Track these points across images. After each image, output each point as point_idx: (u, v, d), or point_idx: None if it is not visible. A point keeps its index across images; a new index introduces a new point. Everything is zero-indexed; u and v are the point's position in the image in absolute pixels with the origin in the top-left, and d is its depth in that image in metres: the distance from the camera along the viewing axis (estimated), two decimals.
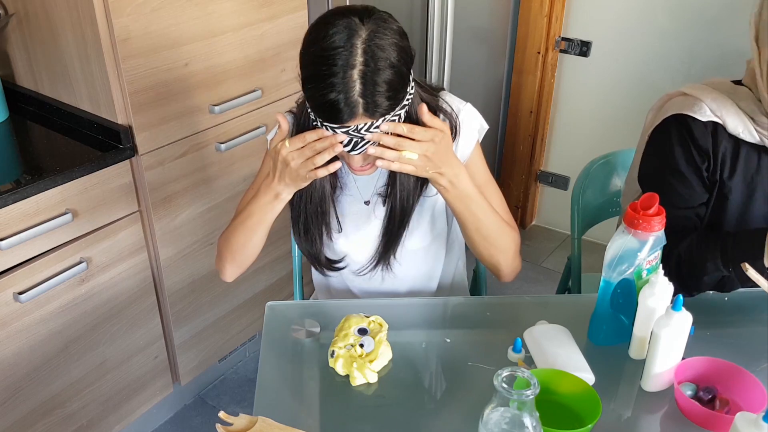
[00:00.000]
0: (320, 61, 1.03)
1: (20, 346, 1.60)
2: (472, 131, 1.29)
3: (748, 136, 1.29)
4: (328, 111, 1.04)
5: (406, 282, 1.45)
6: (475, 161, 1.30)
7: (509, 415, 0.89)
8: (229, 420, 1.00)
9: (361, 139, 1.07)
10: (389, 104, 1.05)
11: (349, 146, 1.09)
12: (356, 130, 1.06)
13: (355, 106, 1.03)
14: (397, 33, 1.06)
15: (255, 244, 1.30)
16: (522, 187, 3.05)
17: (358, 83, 1.02)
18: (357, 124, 1.05)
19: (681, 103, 1.35)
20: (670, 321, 1.07)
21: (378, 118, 1.05)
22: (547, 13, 2.65)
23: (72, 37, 1.62)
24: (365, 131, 1.06)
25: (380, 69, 1.02)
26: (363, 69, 1.02)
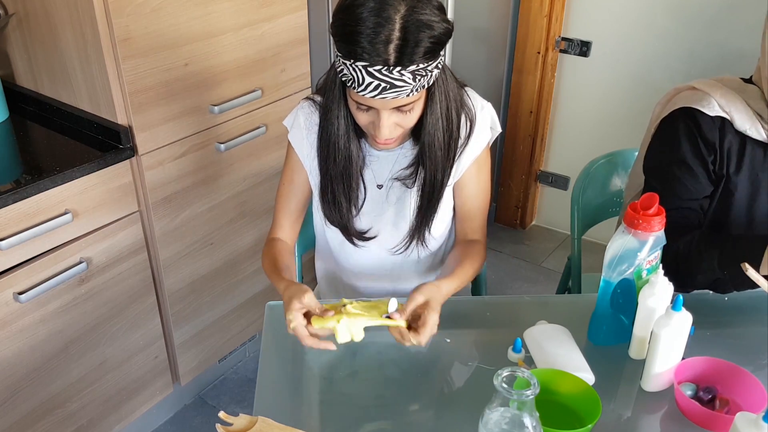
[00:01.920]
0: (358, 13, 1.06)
1: (20, 346, 1.60)
2: (486, 130, 1.32)
3: (755, 133, 1.30)
4: (363, 44, 1.06)
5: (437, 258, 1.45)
6: (480, 162, 1.33)
7: (509, 415, 0.89)
8: (229, 420, 1.01)
9: (387, 84, 1.08)
10: (422, 57, 1.07)
11: (375, 91, 1.09)
12: (386, 71, 1.07)
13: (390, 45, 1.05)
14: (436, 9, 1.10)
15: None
16: (522, 187, 3.05)
17: (398, 26, 1.05)
18: (387, 66, 1.06)
19: (690, 96, 1.35)
20: (670, 321, 1.07)
21: (407, 67, 1.07)
22: (547, 13, 2.65)
23: (72, 37, 1.62)
24: (394, 74, 1.07)
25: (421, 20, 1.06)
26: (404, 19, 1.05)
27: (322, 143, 1.29)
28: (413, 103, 1.15)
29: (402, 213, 1.36)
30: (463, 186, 1.34)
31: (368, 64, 1.07)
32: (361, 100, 1.13)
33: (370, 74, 1.07)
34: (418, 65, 1.08)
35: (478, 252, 1.36)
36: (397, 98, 1.11)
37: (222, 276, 2.07)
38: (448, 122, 1.23)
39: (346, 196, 1.32)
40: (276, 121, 2.02)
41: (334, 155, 1.27)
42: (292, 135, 1.37)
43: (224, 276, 2.08)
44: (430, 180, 1.28)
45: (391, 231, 1.38)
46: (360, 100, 1.14)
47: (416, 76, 1.09)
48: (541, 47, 2.72)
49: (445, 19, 1.10)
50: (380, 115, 1.15)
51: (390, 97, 1.10)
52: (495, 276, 2.83)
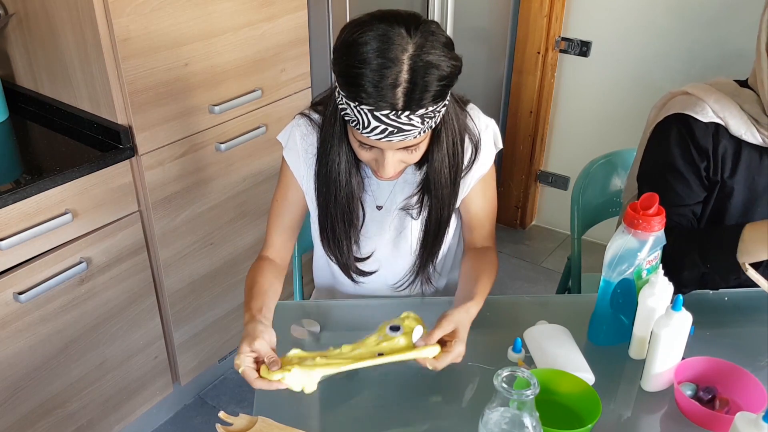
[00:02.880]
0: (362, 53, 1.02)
1: (20, 346, 1.60)
2: (491, 149, 1.31)
3: (750, 137, 1.29)
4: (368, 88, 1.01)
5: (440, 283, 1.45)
6: (486, 178, 1.32)
7: (509, 415, 0.89)
8: (229, 420, 1.01)
9: (395, 128, 1.05)
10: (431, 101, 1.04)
11: (381, 134, 1.05)
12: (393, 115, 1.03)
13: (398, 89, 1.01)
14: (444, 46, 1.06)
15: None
16: (522, 187, 3.05)
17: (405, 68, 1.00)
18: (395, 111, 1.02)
19: (683, 102, 1.34)
20: (670, 321, 1.07)
21: (415, 111, 1.03)
22: (547, 13, 2.65)
23: (72, 38, 1.62)
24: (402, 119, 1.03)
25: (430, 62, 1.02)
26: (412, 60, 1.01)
27: (321, 179, 1.25)
28: (419, 143, 1.12)
29: (403, 241, 1.35)
30: (470, 202, 1.33)
31: (374, 108, 1.02)
32: (366, 140, 1.09)
33: (376, 118, 1.03)
34: (426, 109, 1.04)
35: (492, 260, 1.35)
36: (403, 141, 1.08)
37: (222, 276, 2.07)
38: (453, 157, 1.20)
39: (347, 234, 1.29)
40: (276, 121, 2.02)
41: (335, 193, 1.24)
42: (287, 153, 1.32)
43: (224, 276, 2.08)
44: (436, 216, 1.27)
45: (390, 259, 1.37)
46: (364, 140, 1.10)
47: (425, 119, 1.05)
48: (541, 47, 2.72)
49: (453, 57, 1.06)
50: (385, 155, 1.12)
51: (397, 140, 1.07)
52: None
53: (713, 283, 1.33)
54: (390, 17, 1.04)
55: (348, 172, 1.21)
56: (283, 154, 1.34)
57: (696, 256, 1.25)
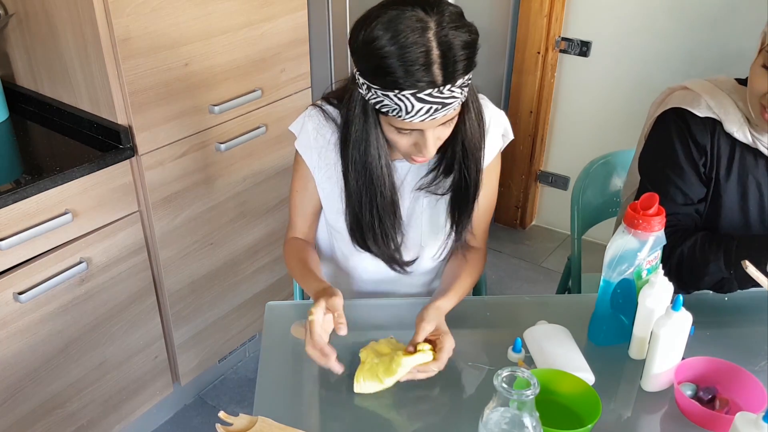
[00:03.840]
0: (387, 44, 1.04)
1: (20, 346, 1.60)
2: (497, 139, 1.31)
3: (741, 136, 1.30)
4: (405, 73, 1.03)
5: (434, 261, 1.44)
6: (490, 169, 1.32)
7: (509, 415, 0.89)
8: (229, 420, 1.00)
9: (439, 104, 1.06)
10: (465, 68, 1.07)
11: (426, 114, 1.07)
12: (437, 92, 1.05)
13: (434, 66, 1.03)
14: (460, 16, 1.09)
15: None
16: (522, 187, 3.05)
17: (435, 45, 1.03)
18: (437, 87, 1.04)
19: (681, 97, 1.35)
20: (670, 321, 1.07)
21: (455, 82, 1.06)
22: (547, 13, 2.65)
23: (72, 37, 1.62)
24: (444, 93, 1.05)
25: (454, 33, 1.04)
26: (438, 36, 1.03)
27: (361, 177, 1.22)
28: (456, 114, 1.14)
29: (437, 221, 1.34)
30: None
31: (416, 90, 1.04)
32: (408, 126, 1.10)
33: (420, 100, 1.05)
34: (464, 78, 1.07)
35: (477, 261, 1.36)
36: (446, 114, 1.09)
37: (222, 276, 2.07)
38: (479, 121, 1.22)
39: (393, 226, 1.28)
40: (276, 121, 2.02)
41: (381, 189, 1.23)
42: (299, 143, 1.32)
43: (224, 276, 2.08)
44: (473, 179, 1.25)
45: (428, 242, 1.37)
46: (406, 126, 1.10)
47: (463, 88, 1.08)
48: (541, 47, 2.72)
49: (469, 24, 1.09)
50: (425, 135, 1.12)
51: (440, 115, 1.08)
52: (495, 276, 2.83)
53: (728, 287, 1.33)
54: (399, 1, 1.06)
55: (388, 166, 1.22)
56: (296, 145, 1.34)
57: (722, 263, 1.25)
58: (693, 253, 1.28)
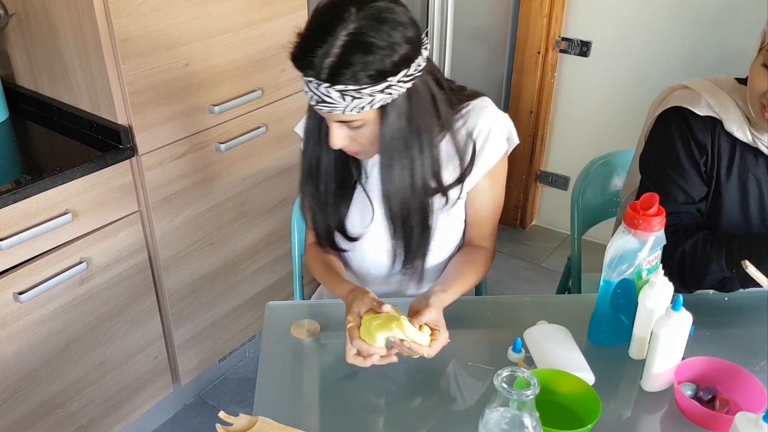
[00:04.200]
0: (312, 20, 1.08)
1: (20, 346, 1.60)
2: (500, 143, 1.29)
3: (741, 135, 1.30)
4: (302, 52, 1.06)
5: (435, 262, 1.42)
6: (495, 174, 1.30)
7: (509, 415, 0.89)
8: (229, 420, 1.00)
9: (319, 98, 1.07)
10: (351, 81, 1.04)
11: (313, 101, 1.10)
12: (315, 85, 1.06)
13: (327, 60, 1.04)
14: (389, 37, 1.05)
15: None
16: (522, 187, 3.05)
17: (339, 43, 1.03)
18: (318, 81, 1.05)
19: (682, 96, 1.36)
20: (670, 321, 1.07)
21: (334, 85, 1.05)
22: (547, 13, 2.65)
23: (72, 37, 1.62)
24: (321, 89, 1.06)
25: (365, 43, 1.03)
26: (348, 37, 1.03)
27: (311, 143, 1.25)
28: (359, 120, 1.11)
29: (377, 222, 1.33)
30: (476, 196, 1.32)
31: (304, 73, 1.07)
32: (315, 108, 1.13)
33: (306, 83, 1.08)
34: (346, 86, 1.05)
35: (483, 259, 1.35)
36: (332, 113, 1.09)
37: (222, 276, 2.07)
38: (407, 148, 1.16)
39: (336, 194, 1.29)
40: (276, 121, 2.02)
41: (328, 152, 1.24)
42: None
43: (224, 276, 2.08)
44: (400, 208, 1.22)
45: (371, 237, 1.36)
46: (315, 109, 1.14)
47: (344, 96, 1.06)
48: (541, 47, 2.72)
49: (399, 46, 1.05)
50: (329, 126, 1.14)
51: (325, 110, 1.09)
52: (495, 276, 2.83)
53: (730, 286, 1.33)
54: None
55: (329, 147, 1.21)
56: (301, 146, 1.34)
57: (723, 262, 1.25)
58: (694, 252, 1.28)
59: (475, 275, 1.31)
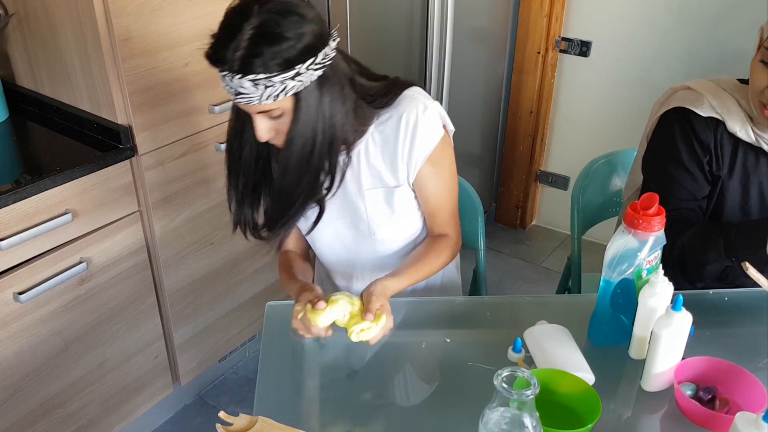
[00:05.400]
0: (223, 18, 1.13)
1: (20, 346, 1.60)
2: (434, 130, 1.29)
3: (744, 135, 1.30)
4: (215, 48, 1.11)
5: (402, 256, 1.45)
6: (436, 161, 1.31)
7: (509, 415, 0.89)
8: (229, 420, 1.00)
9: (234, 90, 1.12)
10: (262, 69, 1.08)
11: (231, 95, 1.14)
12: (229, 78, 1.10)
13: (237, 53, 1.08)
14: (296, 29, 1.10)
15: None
16: (522, 187, 3.05)
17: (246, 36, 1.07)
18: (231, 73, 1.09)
19: (684, 97, 1.36)
20: (670, 321, 1.07)
21: (246, 76, 1.09)
22: (547, 13, 2.65)
23: (72, 38, 1.62)
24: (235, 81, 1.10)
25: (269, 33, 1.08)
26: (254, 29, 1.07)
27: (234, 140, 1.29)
28: (278, 109, 1.15)
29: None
30: (423, 186, 1.34)
31: (218, 68, 1.12)
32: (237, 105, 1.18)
33: (222, 78, 1.12)
34: (257, 75, 1.09)
35: (446, 245, 1.38)
36: (249, 104, 1.13)
37: (222, 276, 2.07)
38: (313, 134, 1.19)
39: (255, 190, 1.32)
40: None
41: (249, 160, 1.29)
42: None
43: (224, 276, 2.08)
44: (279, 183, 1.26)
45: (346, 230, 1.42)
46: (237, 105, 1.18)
47: (257, 85, 1.10)
48: (541, 47, 2.72)
49: (304, 36, 1.09)
50: (253, 119, 1.18)
51: (243, 102, 1.13)
52: (495, 276, 2.83)
53: (732, 276, 1.33)
54: None
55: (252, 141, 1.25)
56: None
57: (721, 250, 1.25)
58: (693, 242, 1.29)
59: (437, 260, 1.35)
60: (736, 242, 1.23)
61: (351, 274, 1.48)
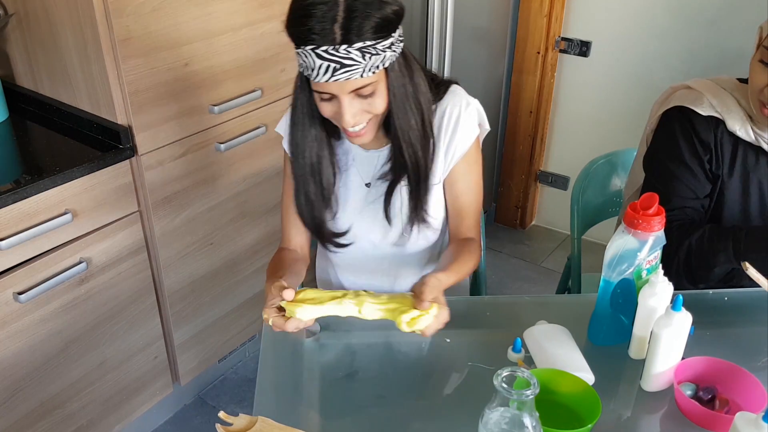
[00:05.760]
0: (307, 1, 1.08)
1: (20, 346, 1.60)
2: (472, 128, 1.30)
3: (744, 134, 1.30)
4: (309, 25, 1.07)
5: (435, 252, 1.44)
6: (470, 159, 1.32)
7: (509, 415, 0.89)
8: (229, 420, 1.00)
9: (337, 64, 1.08)
10: (368, 34, 1.08)
11: (327, 73, 1.10)
12: (333, 50, 1.07)
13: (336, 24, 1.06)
14: None
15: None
16: (522, 187, 3.05)
17: (342, 7, 1.06)
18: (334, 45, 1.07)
19: (684, 96, 1.36)
20: (670, 321, 1.07)
21: (353, 43, 1.07)
22: (547, 13, 2.65)
23: (72, 38, 1.62)
24: (341, 52, 1.07)
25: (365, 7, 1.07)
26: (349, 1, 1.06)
27: (291, 141, 1.28)
28: (371, 85, 1.13)
29: (393, 211, 1.35)
30: (453, 183, 1.34)
31: (316, 45, 1.07)
32: (320, 87, 1.13)
33: (319, 56, 1.08)
34: (364, 42, 1.07)
35: (474, 249, 1.36)
36: (350, 79, 1.10)
37: (222, 276, 2.07)
38: (417, 106, 1.21)
39: (318, 195, 1.31)
40: (276, 121, 2.00)
41: (303, 151, 1.26)
42: (285, 143, 1.35)
43: (224, 276, 2.08)
44: (413, 164, 1.26)
45: (382, 230, 1.38)
46: (319, 89, 1.14)
47: (364, 54, 1.08)
48: (541, 47, 2.72)
49: (394, 1, 1.11)
50: (341, 102, 1.14)
51: (343, 78, 1.10)
52: (495, 276, 2.83)
53: (738, 278, 1.33)
54: None
55: (316, 132, 1.25)
56: (283, 145, 1.36)
57: (731, 253, 1.25)
58: (701, 244, 1.28)
59: (470, 262, 1.32)
60: (746, 245, 1.23)
61: (371, 270, 1.45)
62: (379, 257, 1.42)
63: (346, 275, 1.49)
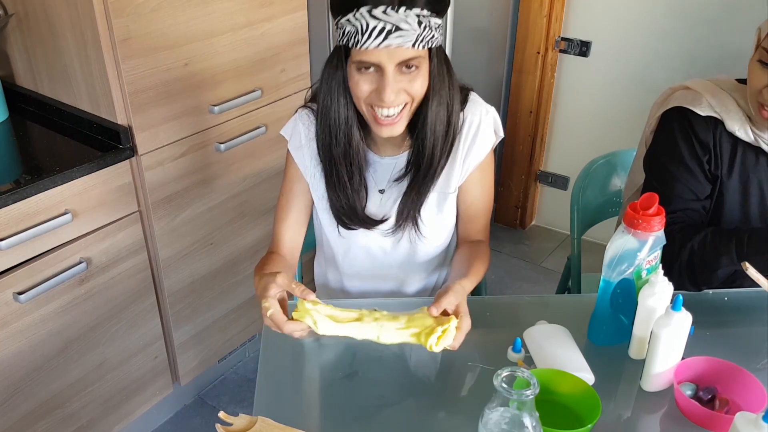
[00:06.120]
0: None
1: (20, 346, 1.60)
2: (490, 135, 1.31)
3: (743, 134, 1.30)
4: None
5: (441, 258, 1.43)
6: (485, 166, 1.33)
7: (509, 415, 0.89)
8: (229, 420, 1.01)
9: (393, 26, 1.07)
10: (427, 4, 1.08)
11: (380, 36, 1.08)
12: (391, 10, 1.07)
13: None
14: None
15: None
16: (522, 187, 3.05)
17: None
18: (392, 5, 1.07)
19: (683, 96, 1.36)
20: (670, 321, 1.07)
21: (411, 7, 1.07)
22: (547, 13, 2.65)
23: (72, 38, 1.62)
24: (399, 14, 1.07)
25: None
26: None
27: (323, 127, 1.24)
28: (417, 59, 1.12)
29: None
30: (468, 190, 1.34)
31: (372, 6, 1.07)
32: (366, 56, 1.10)
33: (374, 17, 1.07)
34: (422, 9, 1.08)
35: (485, 252, 1.36)
36: (402, 47, 1.09)
37: (222, 276, 2.07)
38: (449, 101, 1.22)
39: (350, 175, 1.28)
40: (276, 121, 2.02)
41: (336, 134, 1.23)
42: (292, 145, 1.34)
43: (224, 276, 2.08)
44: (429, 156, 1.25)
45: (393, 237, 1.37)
46: (365, 57, 1.11)
47: (420, 22, 1.09)
48: (541, 47, 2.72)
49: None
50: (385, 73, 1.12)
51: (395, 43, 1.08)
52: (495, 276, 2.83)
53: (740, 280, 1.33)
54: None
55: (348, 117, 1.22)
56: (288, 148, 1.36)
57: (734, 255, 1.25)
58: (704, 246, 1.28)
59: (484, 266, 1.32)
60: (749, 248, 1.22)
61: (379, 276, 1.44)
62: (388, 264, 1.42)
63: (353, 281, 1.48)
